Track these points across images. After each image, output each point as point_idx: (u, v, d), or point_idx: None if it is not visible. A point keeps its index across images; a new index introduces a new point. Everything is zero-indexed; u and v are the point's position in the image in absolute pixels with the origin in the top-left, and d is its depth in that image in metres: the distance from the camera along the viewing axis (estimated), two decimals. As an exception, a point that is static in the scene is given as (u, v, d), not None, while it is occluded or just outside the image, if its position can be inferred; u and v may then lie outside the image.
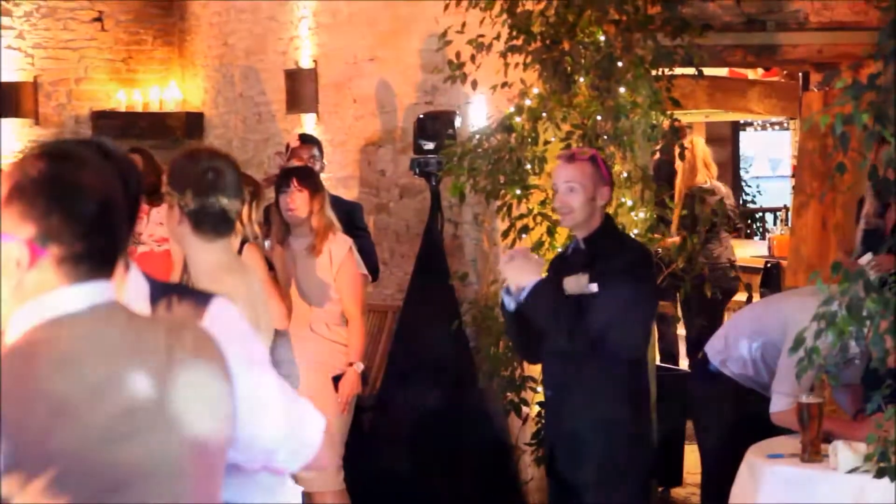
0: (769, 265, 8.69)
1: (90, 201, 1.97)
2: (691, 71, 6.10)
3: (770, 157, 18.05)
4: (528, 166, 5.85)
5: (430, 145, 6.77)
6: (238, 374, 2.11)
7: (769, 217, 14.11)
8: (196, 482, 2.01)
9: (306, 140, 7.19)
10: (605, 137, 5.69)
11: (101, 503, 1.91)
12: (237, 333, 2.38)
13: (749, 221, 13.42)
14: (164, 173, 3.51)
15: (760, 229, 13.84)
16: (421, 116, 7.03)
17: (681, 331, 8.84)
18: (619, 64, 5.73)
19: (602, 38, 5.73)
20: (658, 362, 7.63)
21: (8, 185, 1.99)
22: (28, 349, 1.98)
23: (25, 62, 10.29)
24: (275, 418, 2.25)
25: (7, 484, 1.89)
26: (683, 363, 8.57)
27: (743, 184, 14.76)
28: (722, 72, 9.07)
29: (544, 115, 5.80)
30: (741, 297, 8.18)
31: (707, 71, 6.97)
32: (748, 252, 9.67)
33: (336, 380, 5.83)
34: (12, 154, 10.04)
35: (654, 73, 5.81)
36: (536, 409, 5.96)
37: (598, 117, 5.74)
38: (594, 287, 4.28)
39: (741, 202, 13.46)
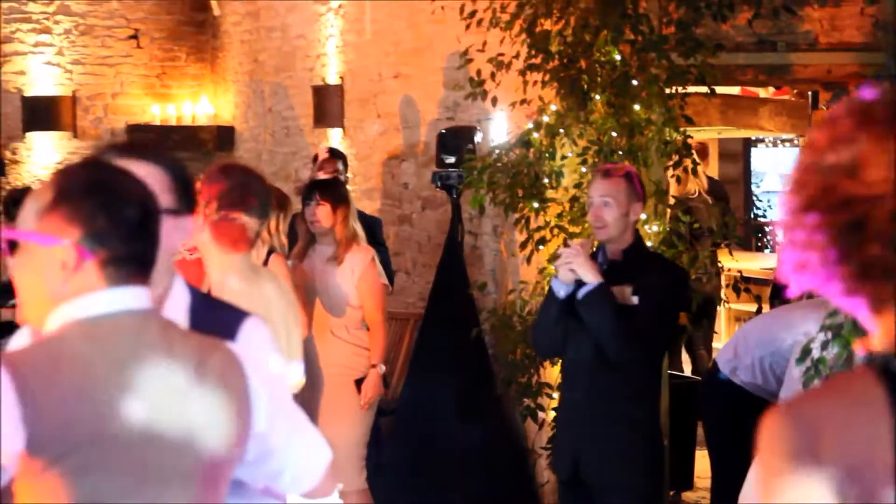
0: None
1: (133, 207, 1.99)
2: (704, 89, 6.09)
3: (781, 173, 18.07)
4: (546, 180, 5.85)
5: (451, 159, 6.77)
6: (258, 397, 2.12)
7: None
8: (202, 493, 2.03)
9: (333, 154, 7.21)
10: (620, 153, 5.67)
11: (112, 502, 1.93)
12: (263, 355, 2.37)
13: (759, 234, 13.36)
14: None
15: (771, 242, 13.79)
16: (443, 131, 7.04)
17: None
18: (634, 82, 5.72)
19: (618, 57, 5.72)
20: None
21: (53, 190, 2.01)
22: (57, 343, 1.99)
23: (65, 77, 10.36)
24: (285, 442, 2.23)
25: (26, 467, 1.90)
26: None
27: (754, 198, 14.72)
28: (734, 90, 9.04)
29: (561, 131, 5.80)
30: (751, 307, 8.15)
31: (720, 89, 6.95)
32: (758, 265, 9.63)
33: (358, 382, 5.84)
34: (52, 165, 10.12)
35: (667, 91, 5.79)
36: (552, 414, 5.94)
37: (614, 133, 5.72)
38: (636, 299, 4.30)
39: (752, 216, 13.41)
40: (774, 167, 17.69)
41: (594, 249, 4.59)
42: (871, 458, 1.43)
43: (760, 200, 15.22)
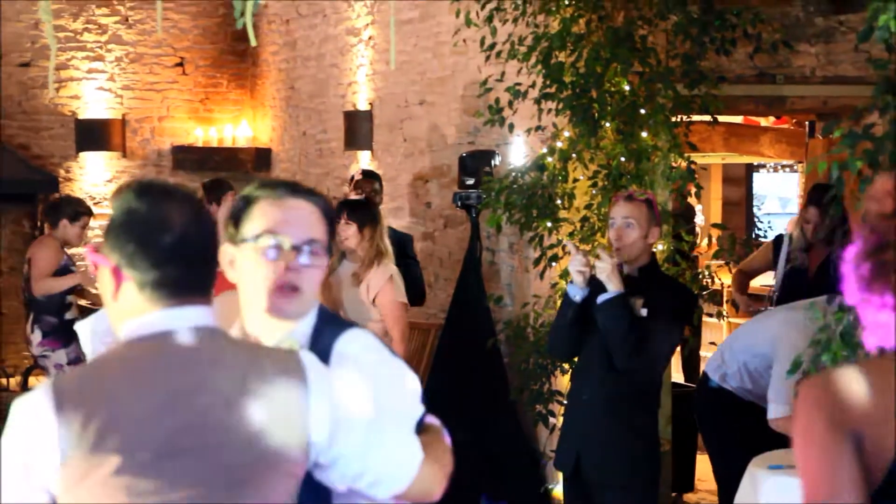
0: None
1: (166, 233, 1.97)
2: (707, 118, 6.09)
3: (780, 196, 18.00)
4: (559, 201, 5.85)
5: (470, 181, 6.78)
6: (318, 404, 2.03)
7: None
8: (266, 495, 1.98)
9: (368, 175, 7.22)
10: (628, 177, 5.68)
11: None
12: (363, 361, 2.31)
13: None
14: None
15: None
16: (463, 155, 7.05)
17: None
18: (642, 111, 5.72)
19: (626, 87, 5.73)
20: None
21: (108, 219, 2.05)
22: (103, 364, 2.01)
23: (115, 102, 10.42)
24: (362, 446, 2.10)
25: (79, 466, 1.90)
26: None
27: (756, 219, 14.70)
28: (737, 119, 9.04)
29: (574, 155, 5.80)
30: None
31: (723, 118, 6.94)
32: (758, 282, 9.60)
33: None
34: (102, 183, 10.19)
35: (673, 119, 5.80)
36: (563, 420, 5.94)
37: (622, 158, 5.72)
38: (645, 312, 4.32)
39: (753, 236, 13.37)
40: (774, 191, 17.67)
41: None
42: (886, 419, 1.66)
43: (761, 221, 15.19)
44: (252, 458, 1.96)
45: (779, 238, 5.68)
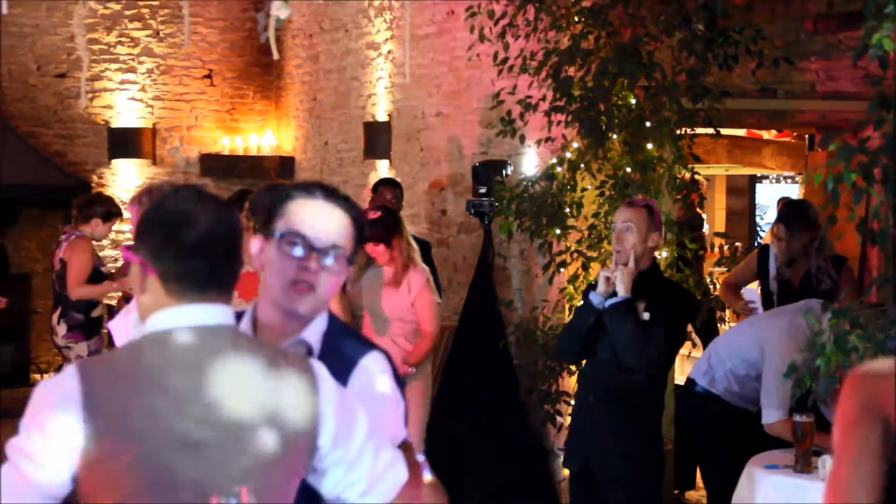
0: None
1: (190, 230, 1.98)
2: (711, 131, 6.08)
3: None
4: (567, 210, 5.85)
5: (483, 189, 6.78)
6: (325, 412, 2.04)
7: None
8: (266, 492, 1.98)
9: (389, 182, 7.23)
10: (634, 186, 5.68)
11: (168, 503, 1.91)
12: (371, 385, 2.31)
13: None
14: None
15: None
16: (476, 164, 7.05)
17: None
18: (648, 124, 5.71)
19: (633, 101, 5.72)
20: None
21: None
22: (126, 353, 2.02)
23: (146, 111, 10.46)
24: (356, 457, 2.10)
25: (87, 464, 1.91)
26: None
27: (758, 228, 14.66)
28: (740, 132, 9.01)
29: (582, 166, 5.80)
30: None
31: (726, 131, 6.93)
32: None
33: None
34: (133, 189, 10.22)
35: (677, 132, 5.79)
36: (570, 419, 5.93)
37: (629, 169, 5.72)
38: (647, 315, 4.33)
39: (756, 244, 13.33)
40: (777, 201, 17.65)
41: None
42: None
43: (764, 231, 15.14)
44: (264, 454, 1.96)
45: (763, 248, 5.65)
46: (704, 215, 8.53)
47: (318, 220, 2.32)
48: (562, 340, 4.69)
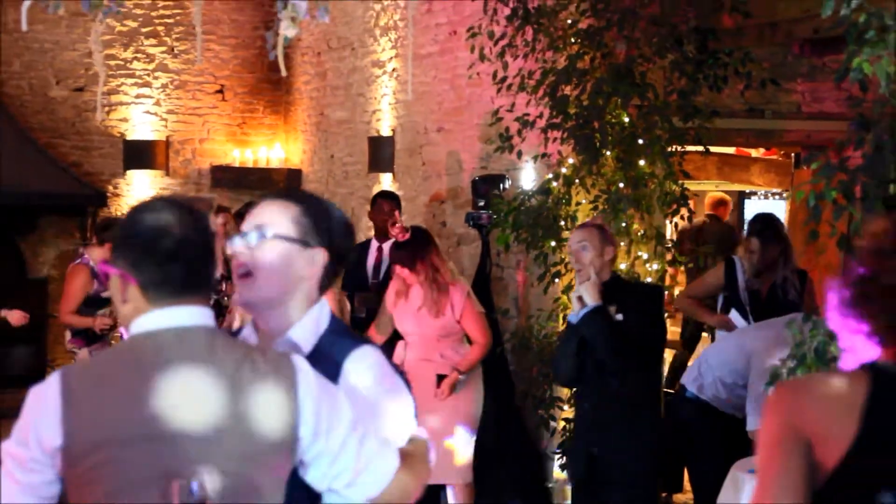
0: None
1: (166, 239, 2.00)
2: (700, 148, 6.10)
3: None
4: (562, 223, 5.86)
5: (482, 202, 6.80)
6: (304, 404, 2.03)
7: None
8: (239, 488, 1.96)
9: (385, 195, 7.24)
10: (626, 201, 5.70)
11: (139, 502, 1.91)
12: (365, 377, 2.24)
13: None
14: None
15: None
16: (476, 178, 7.07)
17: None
18: (640, 141, 5.73)
19: (626, 119, 5.74)
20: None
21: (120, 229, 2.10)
22: (108, 357, 2.08)
23: (160, 124, 10.49)
24: (339, 448, 2.08)
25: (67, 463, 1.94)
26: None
27: (747, 243, 14.64)
28: (730, 150, 9.03)
29: (577, 181, 5.82)
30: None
31: (716, 149, 6.95)
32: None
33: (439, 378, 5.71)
34: (147, 198, 10.23)
35: (668, 149, 5.81)
36: (563, 423, 5.94)
37: (621, 184, 5.74)
38: (620, 316, 4.40)
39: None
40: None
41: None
42: (835, 430, 1.67)
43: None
44: (238, 448, 1.96)
45: (729, 260, 5.65)
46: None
47: (258, 212, 2.30)
48: (555, 367, 4.76)
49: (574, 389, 4.88)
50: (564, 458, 5.77)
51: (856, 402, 1.68)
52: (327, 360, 2.22)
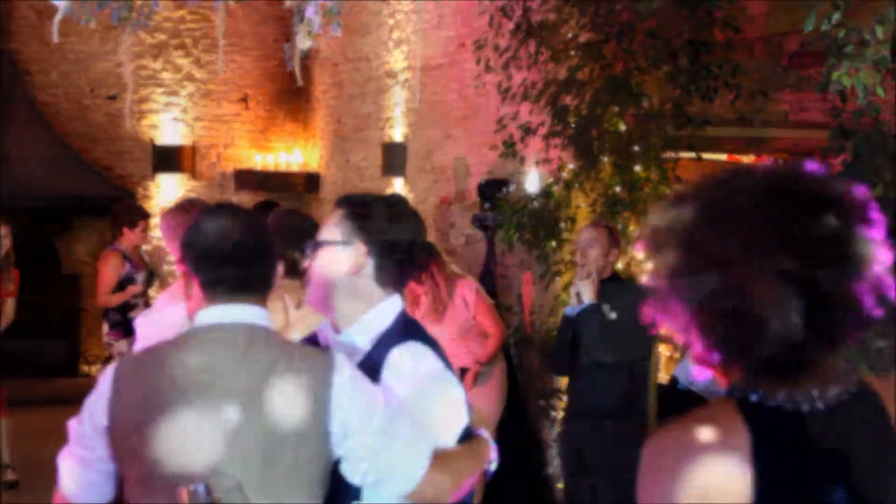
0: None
1: (222, 241, 2.04)
2: (693, 155, 6.09)
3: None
4: (563, 224, 5.88)
5: (487, 205, 6.81)
6: (338, 401, 2.02)
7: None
8: (274, 479, 1.96)
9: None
10: (623, 205, 5.70)
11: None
12: (407, 372, 2.17)
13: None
14: None
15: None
16: (482, 182, 7.08)
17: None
18: (636, 148, 5.74)
19: (623, 127, 5.75)
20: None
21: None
22: (162, 347, 2.07)
23: (187, 130, 10.54)
24: (373, 444, 2.04)
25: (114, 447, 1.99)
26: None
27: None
28: (722, 156, 9.00)
29: (576, 185, 5.83)
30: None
31: (708, 155, 6.93)
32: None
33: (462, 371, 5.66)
34: (174, 200, 10.28)
35: (663, 156, 5.81)
36: (562, 413, 5.95)
37: (618, 189, 5.75)
38: (613, 315, 4.41)
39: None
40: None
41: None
42: (719, 486, 1.38)
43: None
44: (273, 441, 1.96)
45: None
46: None
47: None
48: (552, 357, 4.76)
49: (568, 381, 4.90)
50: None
51: (742, 454, 1.40)
52: (379, 358, 2.18)
